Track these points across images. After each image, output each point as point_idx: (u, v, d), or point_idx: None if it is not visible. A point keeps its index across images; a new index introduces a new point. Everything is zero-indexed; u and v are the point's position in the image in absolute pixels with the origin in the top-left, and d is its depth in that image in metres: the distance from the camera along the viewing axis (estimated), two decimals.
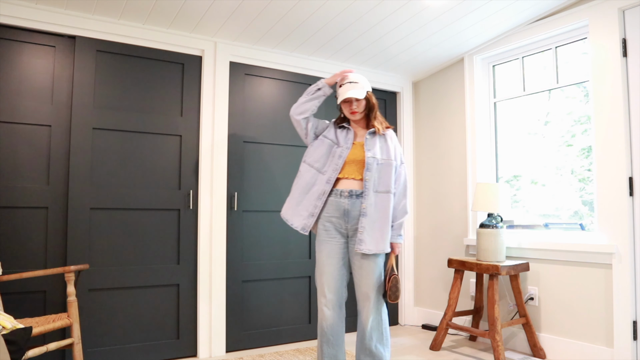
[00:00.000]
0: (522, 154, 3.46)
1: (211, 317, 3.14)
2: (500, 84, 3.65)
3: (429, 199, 4.03)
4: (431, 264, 3.98)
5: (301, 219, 2.44)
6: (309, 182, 2.46)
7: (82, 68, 2.88)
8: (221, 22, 3.04)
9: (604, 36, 2.87)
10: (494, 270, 3.00)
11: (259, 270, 3.37)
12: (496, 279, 3.00)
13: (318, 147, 2.50)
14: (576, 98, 3.16)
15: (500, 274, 2.97)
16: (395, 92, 4.16)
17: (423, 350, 3.27)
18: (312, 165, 2.48)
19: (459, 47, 3.56)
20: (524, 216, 3.43)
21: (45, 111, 2.78)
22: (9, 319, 2.02)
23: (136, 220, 2.99)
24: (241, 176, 3.35)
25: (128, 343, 2.93)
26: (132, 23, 2.99)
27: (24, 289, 2.68)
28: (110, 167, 2.94)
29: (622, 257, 2.73)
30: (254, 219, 3.38)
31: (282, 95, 3.56)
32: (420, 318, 4.05)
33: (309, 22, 3.08)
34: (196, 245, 3.16)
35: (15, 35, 2.74)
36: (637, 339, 2.70)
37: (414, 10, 2.97)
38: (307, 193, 2.45)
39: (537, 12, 3.13)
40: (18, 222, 2.69)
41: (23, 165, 2.72)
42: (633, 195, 2.74)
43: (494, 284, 2.99)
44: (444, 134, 3.92)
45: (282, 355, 3.14)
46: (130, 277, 2.95)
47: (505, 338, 3.34)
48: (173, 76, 3.17)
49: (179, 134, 3.15)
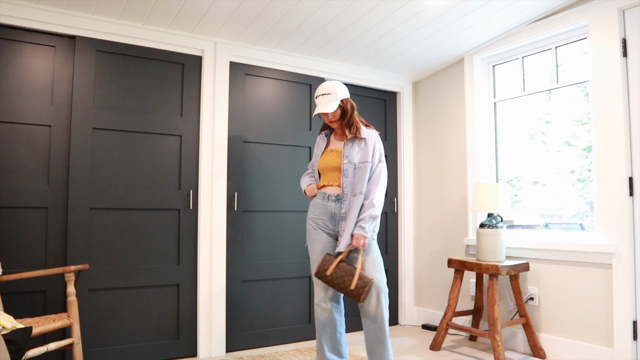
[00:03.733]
0: (522, 154, 3.46)
1: (211, 317, 3.14)
2: (500, 84, 3.65)
3: (429, 199, 4.03)
4: (431, 263, 3.98)
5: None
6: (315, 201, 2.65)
7: (82, 68, 2.88)
8: (221, 22, 3.03)
9: (604, 36, 2.87)
10: (494, 270, 2.99)
11: (259, 270, 3.37)
12: (496, 279, 3.00)
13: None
14: (577, 98, 3.16)
15: (500, 274, 2.97)
16: (395, 92, 4.16)
17: (423, 350, 3.27)
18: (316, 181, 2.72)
19: (459, 47, 3.56)
20: (524, 216, 3.43)
21: (45, 111, 2.78)
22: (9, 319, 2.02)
23: (136, 220, 2.99)
24: (241, 176, 3.35)
25: (128, 343, 2.93)
26: (132, 23, 2.99)
27: (24, 289, 2.68)
28: (110, 167, 2.94)
29: (622, 257, 2.73)
30: (254, 219, 3.38)
31: (282, 95, 3.56)
32: (420, 318, 4.05)
33: (309, 22, 3.08)
34: (196, 245, 3.16)
35: (15, 35, 2.74)
36: (637, 339, 2.70)
37: (413, 10, 2.97)
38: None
39: (537, 12, 3.13)
40: (18, 222, 2.69)
41: (23, 165, 2.72)
42: (633, 195, 2.74)
43: (494, 284, 2.99)
44: (444, 134, 3.92)
45: (282, 355, 3.14)
46: (130, 277, 2.95)
47: (505, 338, 3.34)
48: (173, 76, 3.17)
49: (179, 134, 3.15)
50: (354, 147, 2.53)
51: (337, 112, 2.52)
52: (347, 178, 2.49)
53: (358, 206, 2.45)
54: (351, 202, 2.46)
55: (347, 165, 2.50)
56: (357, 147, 2.53)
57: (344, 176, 2.49)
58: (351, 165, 2.49)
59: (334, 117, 2.53)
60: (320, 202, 2.56)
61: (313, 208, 2.59)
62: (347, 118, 2.54)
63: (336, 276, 2.38)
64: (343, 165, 2.50)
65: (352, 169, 2.49)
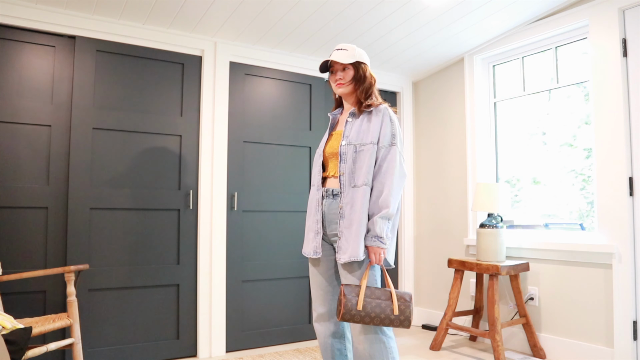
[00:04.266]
0: (522, 154, 3.46)
1: (211, 317, 3.14)
2: (500, 84, 3.65)
3: (429, 199, 4.03)
4: (431, 264, 3.98)
5: (309, 242, 2.05)
6: (310, 202, 2.10)
7: (82, 68, 2.88)
8: (221, 22, 3.03)
9: (604, 36, 2.86)
10: (494, 270, 2.99)
11: (259, 270, 3.37)
12: (496, 279, 3.00)
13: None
14: (577, 98, 3.16)
15: (500, 274, 2.97)
16: (395, 92, 4.16)
17: (423, 350, 3.27)
18: (312, 185, 2.12)
19: (459, 47, 3.56)
20: (524, 216, 3.43)
21: (45, 111, 2.78)
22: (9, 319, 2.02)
23: (136, 220, 2.99)
24: (241, 176, 3.35)
25: (128, 343, 2.93)
26: (132, 23, 2.99)
27: (24, 289, 2.68)
28: (110, 167, 2.94)
29: (622, 257, 2.73)
30: (254, 219, 3.38)
31: (282, 95, 3.56)
32: (420, 318, 4.05)
33: (308, 22, 3.07)
34: (196, 245, 3.16)
35: (15, 35, 2.74)
36: (637, 339, 2.70)
37: (413, 10, 2.97)
38: (310, 214, 2.08)
39: (537, 12, 3.13)
40: (18, 222, 2.69)
41: (23, 165, 2.72)
42: (633, 195, 2.74)
43: (494, 284, 2.99)
44: (444, 134, 3.92)
45: (282, 355, 3.14)
46: (130, 277, 2.95)
47: (505, 338, 3.34)
48: (173, 76, 3.17)
49: (179, 134, 3.15)
50: (355, 124, 1.99)
51: (350, 72, 1.99)
52: (344, 164, 1.94)
53: (363, 202, 1.88)
54: (352, 196, 1.91)
55: (346, 147, 1.95)
56: (359, 124, 1.98)
57: (342, 162, 1.95)
58: (350, 148, 1.94)
59: (344, 77, 1.99)
60: (314, 205, 2.05)
61: (308, 216, 2.09)
62: (362, 86, 1.99)
63: (371, 307, 1.83)
64: (341, 149, 1.96)
65: (351, 152, 1.94)
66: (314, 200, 2.06)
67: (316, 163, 2.10)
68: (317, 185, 2.05)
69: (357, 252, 1.87)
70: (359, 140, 1.94)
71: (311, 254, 2.03)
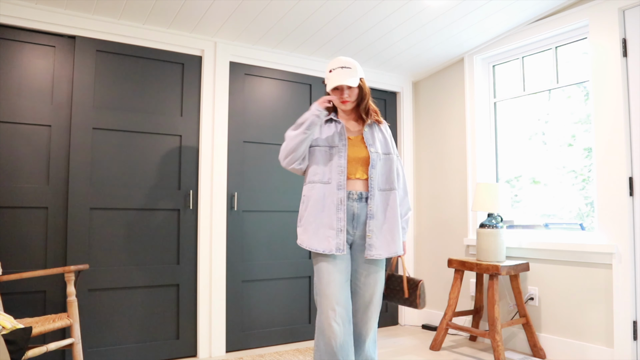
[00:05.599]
0: (522, 154, 3.46)
1: (211, 317, 3.14)
2: (500, 84, 3.65)
3: (429, 199, 4.03)
4: (431, 263, 3.98)
5: (328, 239, 2.09)
6: (319, 198, 2.13)
7: (82, 68, 2.88)
8: (221, 22, 3.03)
9: (604, 36, 2.87)
10: (494, 270, 2.99)
11: (259, 270, 3.37)
12: (496, 279, 3.00)
13: (314, 160, 2.18)
14: (577, 98, 3.16)
15: (500, 274, 2.97)
16: (395, 92, 4.16)
17: (423, 350, 3.27)
18: (314, 181, 2.16)
19: (459, 47, 3.56)
20: (524, 216, 3.43)
21: (45, 111, 2.78)
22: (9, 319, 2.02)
23: (136, 220, 2.99)
24: (241, 176, 3.35)
25: (128, 343, 2.93)
26: (132, 23, 2.99)
27: (24, 289, 2.68)
28: (110, 167, 2.94)
29: (622, 257, 2.73)
30: (254, 219, 3.38)
31: (282, 95, 3.56)
32: (420, 318, 4.05)
33: (309, 22, 3.08)
34: (196, 245, 3.16)
35: (15, 35, 2.74)
36: (637, 339, 2.70)
37: (413, 10, 2.97)
38: (323, 210, 2.12)
39: (537, 12, 3.13)
40: (18, 222, 2.69)
41: (23, 165, 2.72)
42: (633, 195, 2.74)
43: (494, 284, 2.99)
44: (444, 134, 3.92)
45: (282, 355, 3.14)
46: (130, 277, 2.95)
47: (505, 338, 3.34)
48: (173, 76, 3.17)
49: (179, 134, 3.15)
50: (374, 135, 2.22)
51: (355, 91, 2.16)
52: (374, 169, 2.15)
53: (393, 205, 2.17)
54: (381, 199, 2.16)
55: (375, 155, 2.16)
56: (376, 136, 2.23)
57: (372, 167, 2.14)
58: (377, 156, 2.17)
59: (351, 96, 2.15)
60: (333, 202, 2.11)
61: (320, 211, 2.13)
62: (365, 102, 2.20)
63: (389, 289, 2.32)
64: (372, 155, 2.15)
65: (378, 160, 2.17)
66: (332, 198, 2.11)
67: (332, 162, 2.15)
68: (338, 184, 2.12)
69: (397, 248, 2.17)
70: (382, 150, 2.22)
71: (334, 250, 2.08)
